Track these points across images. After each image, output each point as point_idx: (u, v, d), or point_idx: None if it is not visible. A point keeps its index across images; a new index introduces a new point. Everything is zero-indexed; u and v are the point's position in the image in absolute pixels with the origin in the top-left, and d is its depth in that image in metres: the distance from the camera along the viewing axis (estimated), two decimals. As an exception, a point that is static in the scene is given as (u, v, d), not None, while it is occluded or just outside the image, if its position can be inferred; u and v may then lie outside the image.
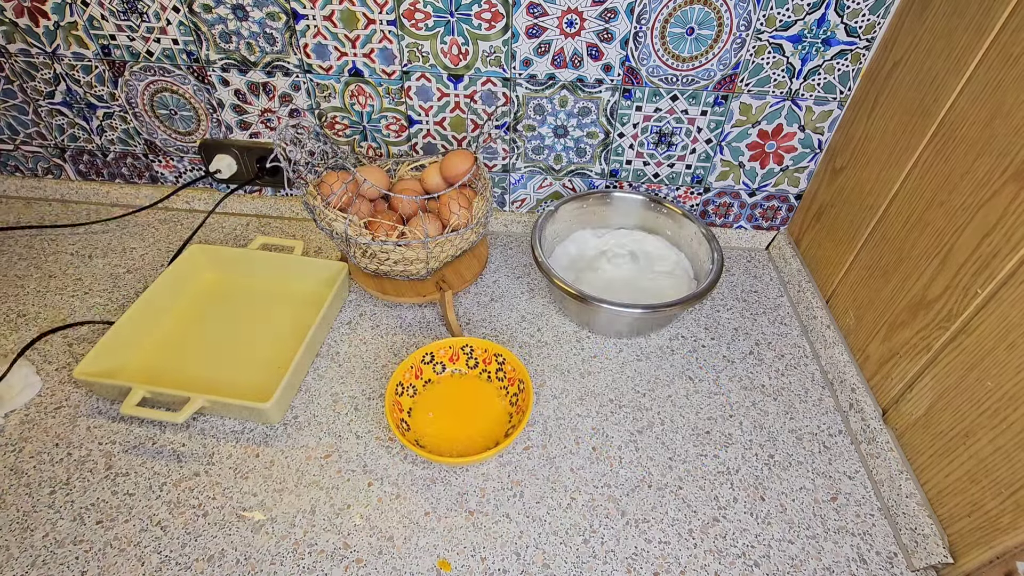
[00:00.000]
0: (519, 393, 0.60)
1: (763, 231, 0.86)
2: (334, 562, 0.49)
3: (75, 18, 0.71)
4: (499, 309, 0.74)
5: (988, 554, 0.45)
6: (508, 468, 0.57)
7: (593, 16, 0.66)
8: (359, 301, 0.74)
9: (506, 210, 0.87)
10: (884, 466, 0.56)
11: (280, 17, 0.69)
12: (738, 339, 0.72)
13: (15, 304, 0.71)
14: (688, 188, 0.82)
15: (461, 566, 0.49)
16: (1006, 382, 0.44)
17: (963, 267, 0.50)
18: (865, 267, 0.64)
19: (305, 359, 0.62)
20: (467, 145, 0.79)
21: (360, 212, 0.68)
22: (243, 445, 0.57)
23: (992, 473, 0.45)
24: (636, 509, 0.54)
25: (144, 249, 0.81)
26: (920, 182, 0.56)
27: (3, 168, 0.89)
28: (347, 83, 0.74)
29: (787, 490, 0.56)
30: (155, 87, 0.77)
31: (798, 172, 0.79)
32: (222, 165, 0.82)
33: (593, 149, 0.78)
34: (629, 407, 0.63)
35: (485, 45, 0.69)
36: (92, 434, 0.58)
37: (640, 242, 0.80)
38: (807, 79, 0.69)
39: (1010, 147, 0.46)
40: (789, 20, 0.65)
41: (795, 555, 0.51)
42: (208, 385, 0.61)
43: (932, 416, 0.52)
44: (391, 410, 0.57)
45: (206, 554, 0.49)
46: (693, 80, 0.70)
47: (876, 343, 0.61)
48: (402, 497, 0.54)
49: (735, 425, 0.62)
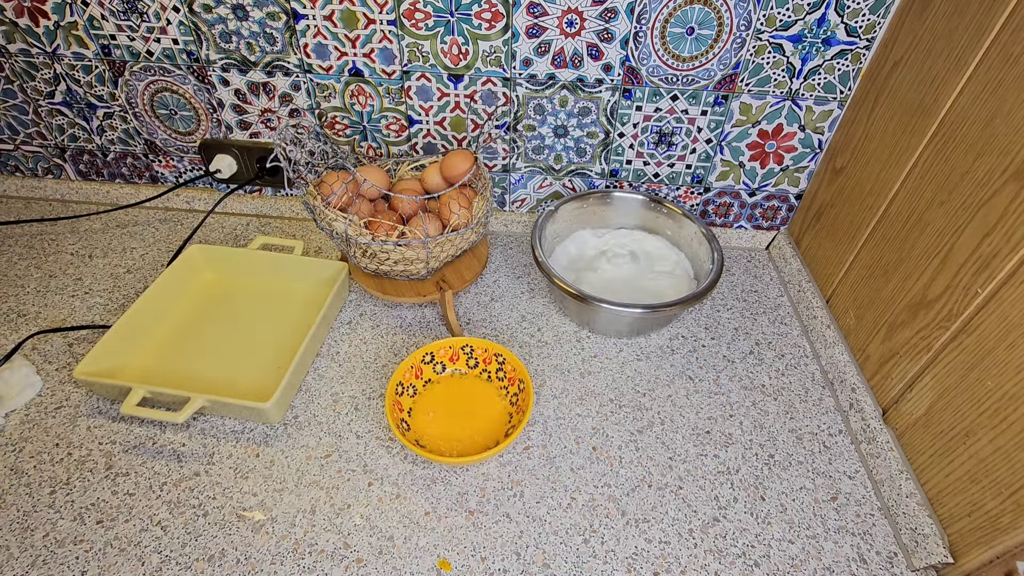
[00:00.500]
0: (519, 393, 0.60)
1: (763, 231, 0.86)
2: (334, 562, 0.49)
3: (75, 18, 0.71)
4: (499, 309, 0.74)
5: (988, 554, 0.45)
6: (508, 468, 0.57)
7: (593, 16, 0.66)
8: (359, 301, 0.74)
9: (506, 210, 0.87)
10: (884, 466, 0.56)
11: (280, 17, 0.69)
12: (738, 339, 0.72)
13: (15, 304, 0.71)
14: (688, 188, 0.82)
15: (461, 566, 0.49)
16: (1006, 382, 0.44)
17: (963, 267, 0.50)
18: (865, 267, 0.64)
19: (305, 359, 0.62)
20: (467, 145, 0.79)
21: (360, 212, 0.68)
22: (243, 445, 0.57)
23: (992, 473, 0.45)
24: (636, 509, 0.54)
25: (144, 249, 0.81)
26: (920, 182, 0.56)
27: (3, 168, 0.89)
28: (347, 83, 0.74)
29: (787, 490, 0.56)
30: (155, 87, 0.77)
31: (798, 172, 0.79)
32: (222, 165, 0.82)
33: (593, 149, 0.78)
34: (629, 407, 0.63)
35: (485, 45, 0.69)
36: (92, 434, 0.58)
37: (640, 242, 0.80)
38: (807, 79, 0.69)
39: (1010, 147, 0.46)
40: (789, 20, 0.65)
41: (795, 555, 0.51)
42: (208, 385, 0.61)
43: (932, 416, 0.52)
44: (391, 410, 0.57)
45: (206, 554, 0.49)
46: (693, 80, 0.70)
47: (876, 343, 0.61)
48: (402, 497, 0.54)
49: (735, 425, 0.62)
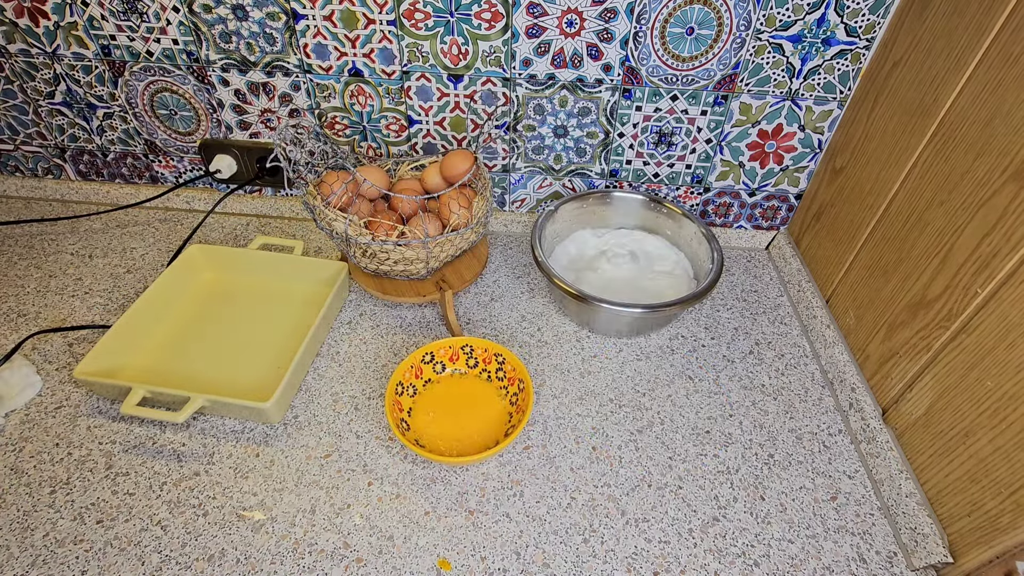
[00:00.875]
0: (519, 393, 0.60)
1: (763, 231, 0.86)
2: (334, 561, 0.49)
3: (75, 18, 0.71)
4: (499, 309, 0.74)
5: (988, 554, 0.45)
6: (508, 468, 0.57)
7: (593, 16, 0.66)
8: (359, 301, 0.75)
9: (506, 210, 0.87)
10: (884, 466, 0.56)
11: (280, 17, 0.69)
12: (738, 339, 0.72)
13: (15, 304, 0.71)
14: (688, 188, 0.82)
15: (461, 565, 0.49)
16: (1006, 381, 0.44)
17: (963, 267, 0.50)
18: (865, 267, 0.64)
19: (305, 359, 0.62)
20: (467, 145, 0.80)
21: (360, 212, 0.68)
22: (243, 445, 0.57)
23: (992, 473, 0.45)
24: (636, 508, 0.54)
25: (144, 249, 0.81)
26: (920, 182, 0.56)
27: (3, 168, 0.89)
28: (347, 83, 0.74)
29: (787, 489, 0.56)
30: (155, 87, 0.77)
31: (798, 172, 0.79)
32: (222, 165, 0.82)
33: (593, 149, 0.78)
34: (629, 407, 0.63)
35: (485, 45, 0.69)
36: (92, 434, 0.58)
37: (640, 242, 0.80)
38: (807, 79, 0.69)
39: (1010, 147, 0.46)
40: (789, 20, 0.65)
41: (795, 554, 0.51)
42: (208, 385, 0.61)
43: (932, 416, 0.52)
44: (391, 410, 0.57)
45: (206, 554, 0.49)
46: (693, 80, 0.70)
47: (876, 343, 0.61)
48: (402, 497, 0.54)
49: (735, 425, 0.62)
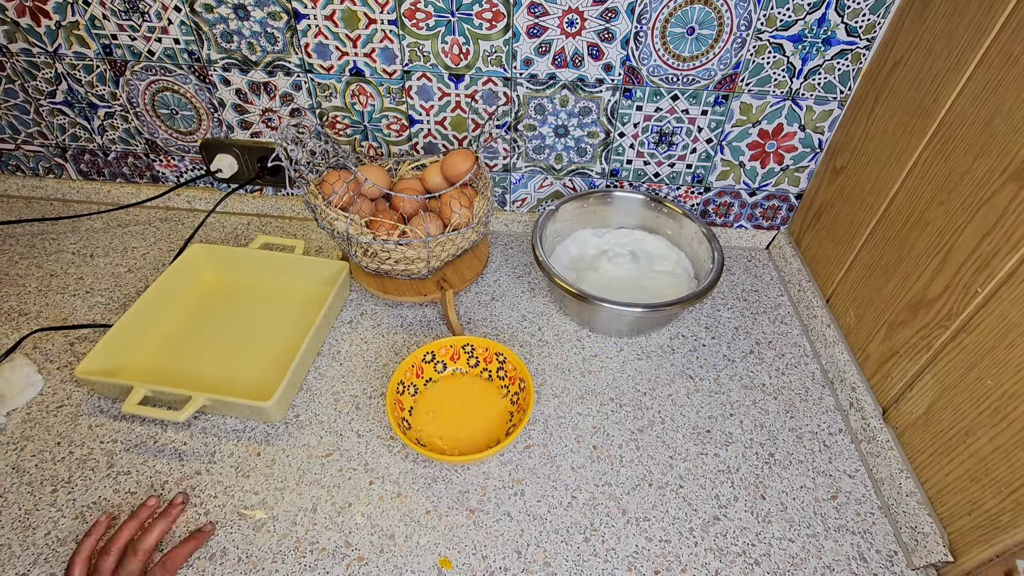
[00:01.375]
0: (520, 392, 0.60)
1: (763, 231, 0.86)
2: (335, 560, 0.49)
3: (76, 18, 0.71)
4: (500, 308, 0.74)
5: (988, 552, 0.45)
6: (509, 467, 0.57)
7: (594, 16, 0.66)
8: (360, 300, 0.75)
9: (507, 209, 0.87)
10: (884, 465, 0.56)
11: (281, 17, 0.69)
12: (738, 338, 0.72)
13: (16, 303, 0.71)
14: (688, 188, 0.82)
15: (462, 564, 0.49)
16: (1006, 381, 0.44)
17: (963, 266, 0.50)
18: (865, 266, 0.65)
19: (306, 358, 0.62)
20: (468, 144, 0.80)
21: (361, 211, 0.68)
22: (244, 444, 0.58)
23: (992, 472, 0.45)
24: (637, 508, 0.54)
25: (145, 248, 0.81)
26: (920, 181, 0.57)
27: (4, 167, 0.89)
28: (348, 82, 0.74)
29: (787, 489, 0.56)
30: (156, 87, 0.77)
31: (798, 172, 0.79)
32: (223, 164, 0.82)
33: (594, 149, 0.78)
34: (630, 406, 0.63)
35: (486, 45, 0.69)
36: (94, 433, 0.58)
37: (641, 241, 0.80)
38: (807, 79, 0.70)
39: (1010, 146, 0.46)
40: (789, 20, 0.65)
41: (795, 553, 0.51)
42: (209, 384, 0.61)
43: (932, 415, 0.52)
44: (392, 409, 0.57)
45: (208, 552, 0.49)
46: (694, 80, 0.70)
47: (876, 342, 0.61)
48: (403, 495, 0.54)
49: (735, 424, 0.62)
